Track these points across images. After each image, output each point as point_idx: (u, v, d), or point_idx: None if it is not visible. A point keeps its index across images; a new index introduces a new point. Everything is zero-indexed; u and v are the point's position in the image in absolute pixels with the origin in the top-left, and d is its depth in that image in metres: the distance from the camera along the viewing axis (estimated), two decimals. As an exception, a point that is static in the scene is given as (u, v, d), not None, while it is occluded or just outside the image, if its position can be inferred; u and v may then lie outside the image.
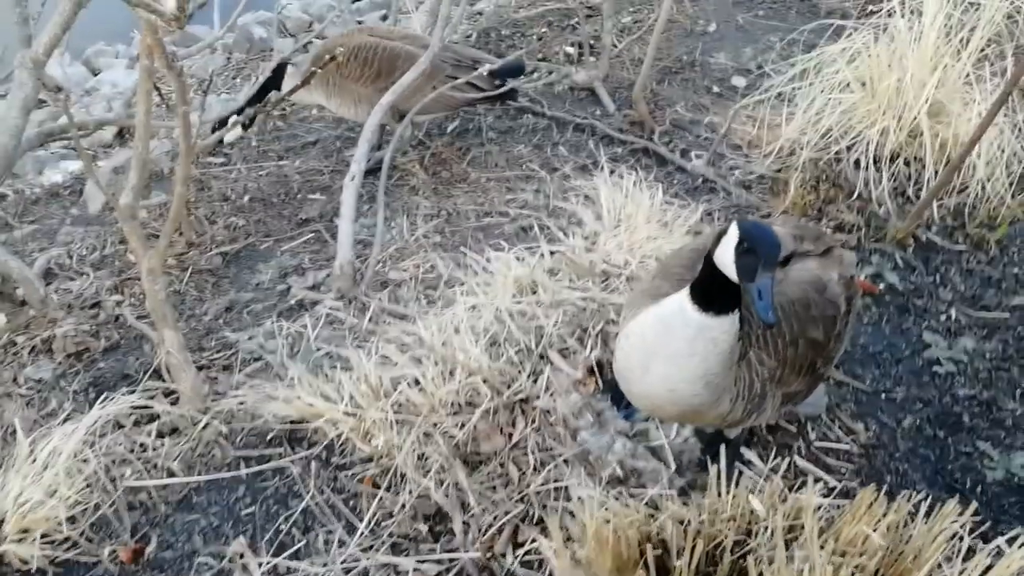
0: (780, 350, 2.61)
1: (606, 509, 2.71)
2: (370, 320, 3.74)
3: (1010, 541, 2.41)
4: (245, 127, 4.66)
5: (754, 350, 2.58)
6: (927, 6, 4.51)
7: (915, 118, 4.52)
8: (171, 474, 3.13)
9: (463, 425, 3.14)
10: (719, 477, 2.55)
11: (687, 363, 2.42)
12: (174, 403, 3.32)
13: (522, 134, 5.21)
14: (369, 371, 3.31)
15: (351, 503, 3.01)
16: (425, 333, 3.51)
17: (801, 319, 2.65)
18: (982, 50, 4.70)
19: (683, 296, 2.42)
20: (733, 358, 2.50)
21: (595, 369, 3.32)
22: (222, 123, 4.57)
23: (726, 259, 2.28)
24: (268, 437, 3.26)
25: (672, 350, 2.42)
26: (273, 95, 4.66)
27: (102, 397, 3.29)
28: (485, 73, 4.61)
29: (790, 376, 2.66)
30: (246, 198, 4.86)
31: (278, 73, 4.62)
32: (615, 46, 5.90)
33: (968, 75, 4.60)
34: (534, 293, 3.74)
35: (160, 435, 3.25)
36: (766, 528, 2.44)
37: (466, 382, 3.25)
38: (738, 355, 2.54)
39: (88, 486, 3.00)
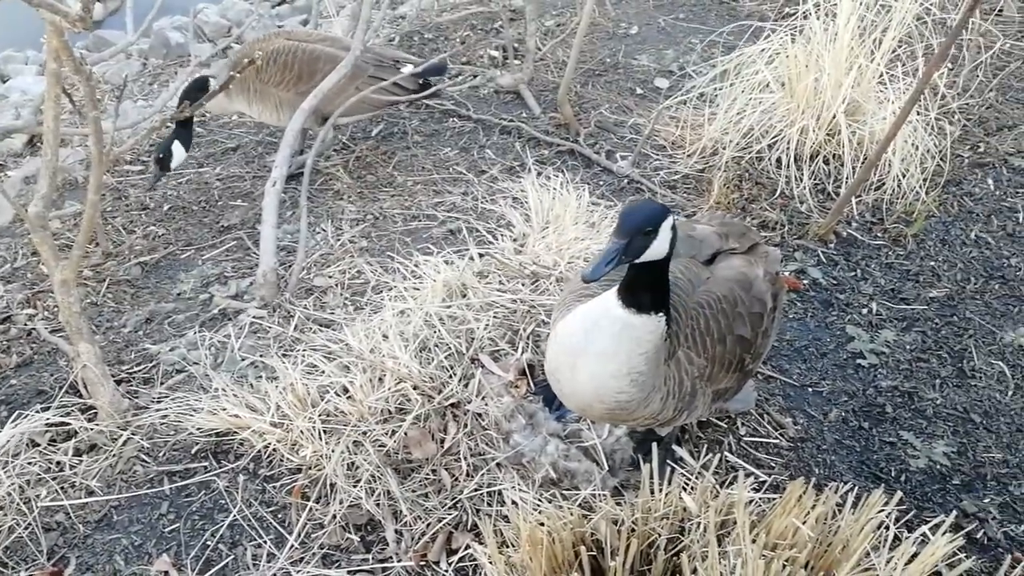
0: (709, 348, 2.63)
1: (540, 512, 2.71)
2: (296, 328, 3.70)
3: (934, 528, 2.44)
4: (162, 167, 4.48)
5: (683, 349, 2.59)
6: (841, 8, 4.62)
7: (833, 117, 4.62)
8: (90, 493, 3.03)
9: (393, 432, 3.13)
10: (651, 476, 2.56)
11: (613, 361, 2.43)
12: (92, 419, 3.23)
13: (448, 137, 5.19)
14: (296, 380, 3.26)
15: (280, 516, 2.97)
16: (353, 340, 3.46)
17: (728, 316, 2.67)
18: (894, 50, 4.82)
19: (611, 295, 2.43)
20: (660, 356, 2.51)
21: (526, 371, 3.33)
22: (164, 160, 4.41)
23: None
24: (192, 451, 3.17)
25: (598, 348, 2.42)
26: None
27: (15, 415, 3.19)
28: (408, 73, 4.57)
29: (719, 373, 2.67)
30: (165, 206, 4.76)
31: (197, 86, 4.48)
32: (539, 49, 5.92)
33: (882, 75, 4.72)
34: (464, 296, 3.73)
35: (78, 453, 3.15)
36: (699, 525, 2.46)
37: (396, 389, 3.24)
38: (666, 353, 2.54)
39: (0, 508, 2.89)
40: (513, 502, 2.85)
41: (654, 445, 2.71)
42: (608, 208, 4.32)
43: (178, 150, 4.43)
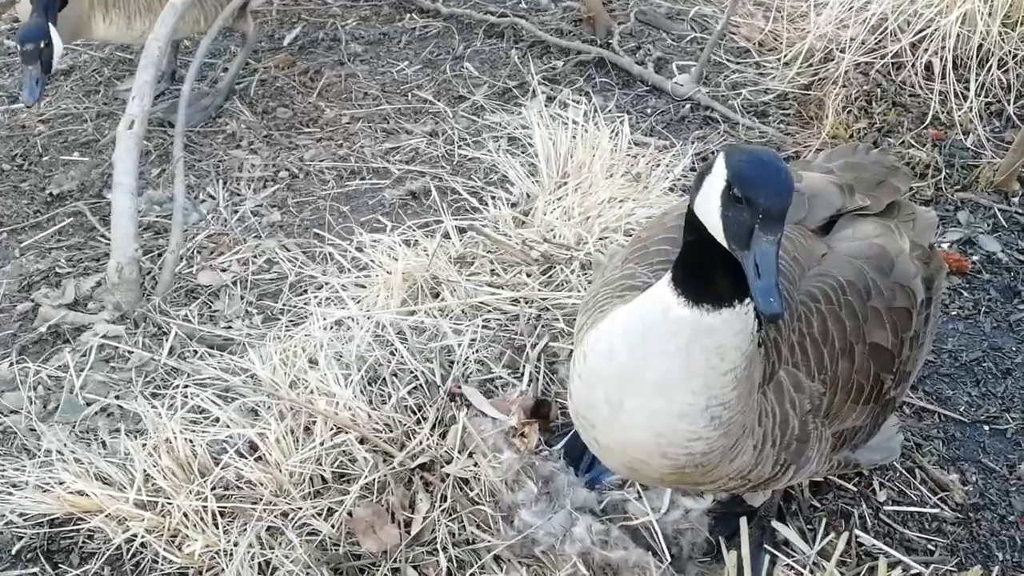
0: (827, 364, 2.62)
1: None
2: (172, 353, 3.70)
3: None
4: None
5: (785, 367, 2.59)
6: None
7: (1015, -5, 4.62)
8: None
9: (330, 512, 3.11)
10: (740, 569, 2.53)
11: (682, 390, 2.41)
12: None
13: (404, 45, 5.19)
14: (174, 435, 3.25)
15: (156, 649, 2.97)
16: (262, 369, 3.46)
17: (857, 314, 2.67)
18: None
19: (664, 286, 2.41)
20: (754, 379, 2.50)
21: (537, 410, 3.31)
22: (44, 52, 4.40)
23: (711, 212, 2.25)
24: (13, 550, 3.16)
25: (657, 372, 2.41)
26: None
27: None
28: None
29: (844, 405, 2.67)
30: (-47, 165, 4.79)
31: None
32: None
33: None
34: (436, 297, 3.72)
35: None
36: None
37: (332, 444, 3.23)
38: (761, 374, 2.54)
39: None
40: None
41: (743, 522, 2.65)
42: (661, 151, 4.30)
43: (57, 41, 4.42)
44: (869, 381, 2.71)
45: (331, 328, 3.63)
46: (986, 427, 3.61)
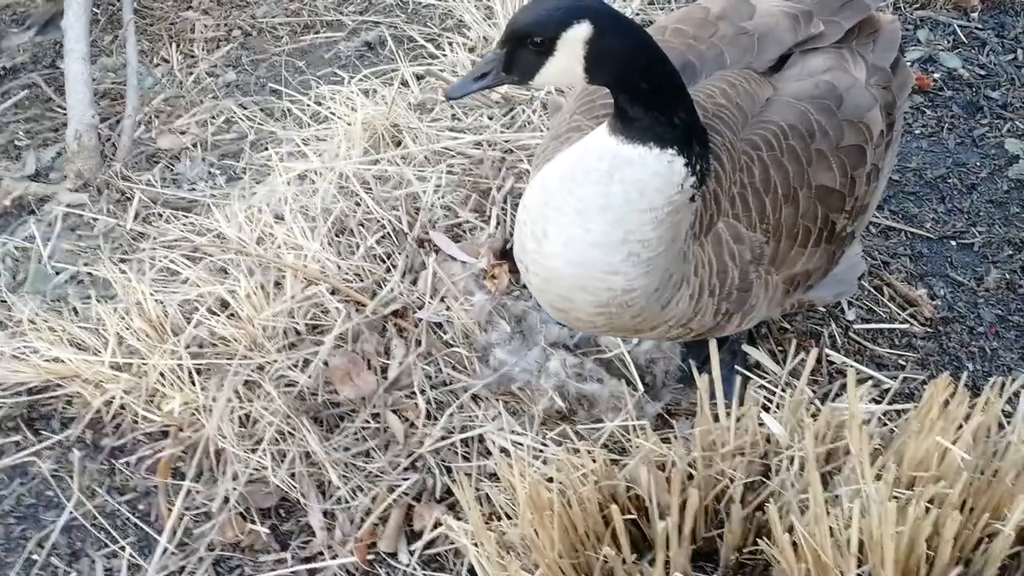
0: (769, 212, 2.63)
1: (544, 462, 2.74)
2: (137, 218, 3.69)
3: None
4: None
5: (725, 219, 2.60)
6: None
7: None
8: None
9: (306, 363, 3.14)
10: (712, 393, 2.58)
11: (599, 219, 2.42)
12: None
13: None
14: (144, 297, 3.25)
15: (141, 507, 3.01)
16: (228, 227, 3.45)
17: (800, 158, 2.67)
18: None
19: (603, 127, 2.45)
20: (681, 226, 2.50)
21: (506, 251, 3.36)
22: None
23: None
24: (-6, 420, 3.19)
25: (579, 199, 2.43)
26: None
27: None
28: None
29: (791, 250, 2.70)
30: None
31: None
32: None
33: None
34: (398, 145, 3.71)
35: None
36: (791, 460, 2.50)
37: (304, 297, 3.25)
38: (697, 226, 2.56)
39: None
40: (503, 450, 2.88)
41: (713, 346, 2.69)
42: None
43: None
44: (817, 224, 2.72)
45: (294, 183, 3.62)
46: (953, 242, 3.65)
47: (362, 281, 3.35)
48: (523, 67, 2.32)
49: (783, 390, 2.86)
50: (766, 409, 2.70)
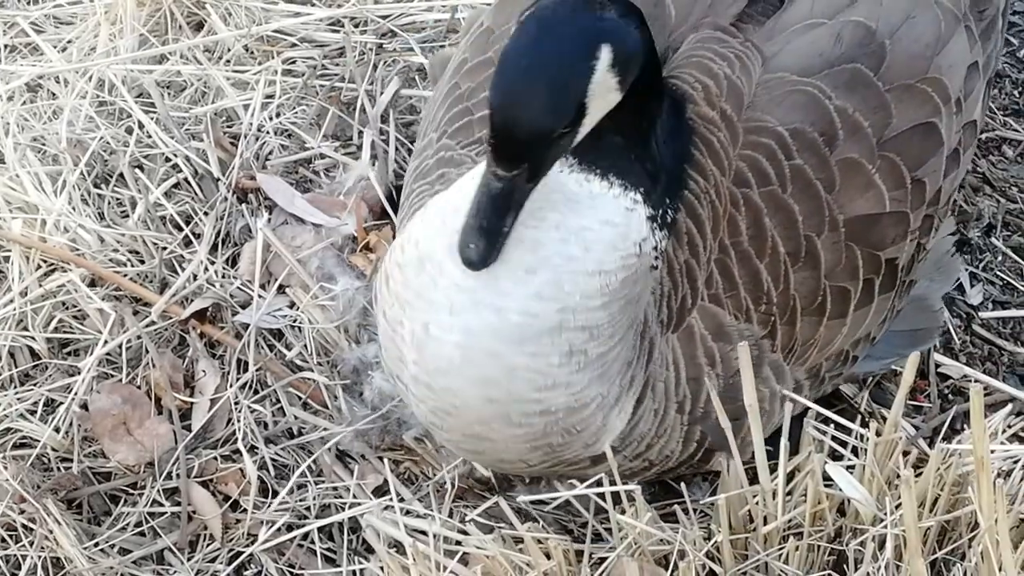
0: (767, 287, 2.28)
1: (465, 562, 2.37)
2: None
3: None
4: None
5: (701, 305, 2.26)
6: None
7: None
8: None
9: (51, 407, 2.70)
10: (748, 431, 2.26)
11: (520, 288, 2.06)
12: None
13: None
14: None
15: None
16: None
17: (813, 186, 2.27)
18: None
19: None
20: (640, 303, 2.17)
21: (393, 202, 2.86)
22: None
23: None
24: None
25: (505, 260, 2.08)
26: None
27: None
28: None
29: (815, 330, 2.32)
30: None
31: None
32: None
33: None
34: (200, 29, 3.26)
35: None
36: (880, 542, 2.17)
37: (43, 292, 2.76)
38: (665, 311, 2.22)
39: None
40: (393, 544, 2.44)
41: (744, 352, 2.23)
42: None
43: None
44: (860, 277, 2.34)
45: (20, 97, 3.12)
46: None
47: (143, 263, 2.85)
48: (555, 157, 1.98)
49: (863, 425, 2.35)
50: (836, 458, 2.25)
